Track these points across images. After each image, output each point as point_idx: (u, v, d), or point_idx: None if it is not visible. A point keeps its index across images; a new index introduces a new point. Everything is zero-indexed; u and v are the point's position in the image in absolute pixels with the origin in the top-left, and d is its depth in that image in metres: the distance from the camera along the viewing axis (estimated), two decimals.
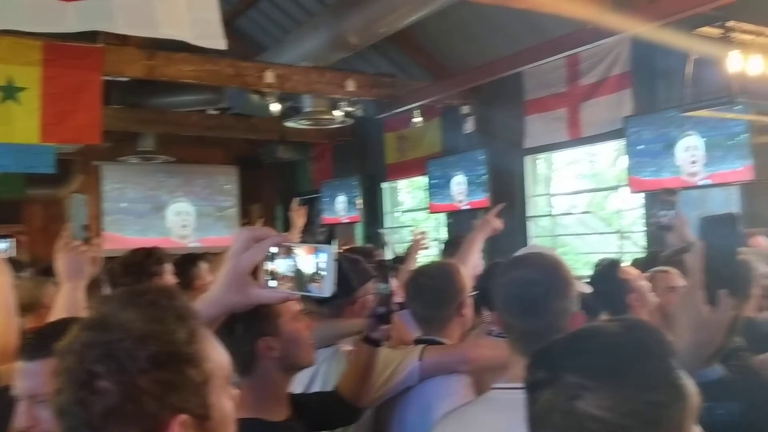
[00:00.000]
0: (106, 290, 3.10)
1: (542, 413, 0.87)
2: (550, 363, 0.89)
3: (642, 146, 6.34)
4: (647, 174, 6.30)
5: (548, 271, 1.66)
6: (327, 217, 10.98)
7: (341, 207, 10.71)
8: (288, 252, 1.15)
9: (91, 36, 5.19)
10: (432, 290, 2.29)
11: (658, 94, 6.45)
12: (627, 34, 6.03)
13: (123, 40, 5.71)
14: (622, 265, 2.85)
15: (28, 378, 1.45)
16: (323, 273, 1.12)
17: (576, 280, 1.74)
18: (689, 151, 5.99)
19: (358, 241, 10.08)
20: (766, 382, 2.01)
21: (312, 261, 1.13)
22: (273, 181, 12.43)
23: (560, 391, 0.85)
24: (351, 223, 10.60)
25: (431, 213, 9.23)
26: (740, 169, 5.62)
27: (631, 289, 2.74)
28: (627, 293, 2.70)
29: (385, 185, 10.35)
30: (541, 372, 0.89)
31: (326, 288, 1.12)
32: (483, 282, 2.54)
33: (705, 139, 5.85)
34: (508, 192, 7.99)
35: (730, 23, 3.63)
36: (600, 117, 7.01)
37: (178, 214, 11.57)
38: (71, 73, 5.45)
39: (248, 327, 1.62)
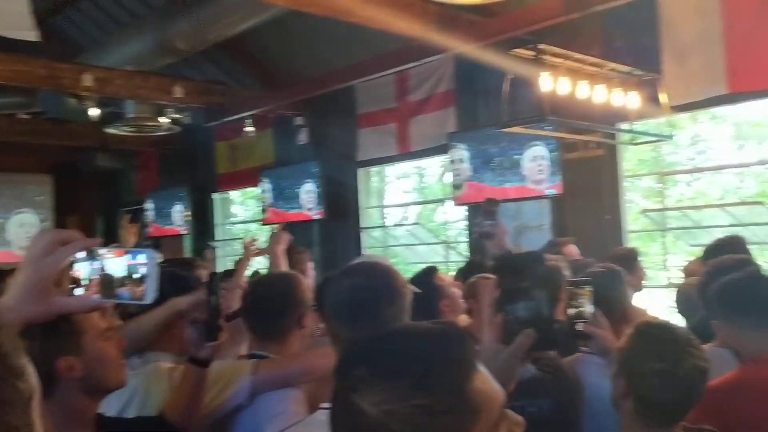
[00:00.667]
0: None
1: (330, 402, 0.85)
2: (351, 355, 0.87)
3: (464, 161, 6.65)
4: (468, 188, 6.63)
5: (378, 278, 1.65)
6: (153, 230, 10.45)
7: (168, 219, 10.24)
8: (98, 257, 1.05)
9: None
10: (271, 301, 2.20)
11: (479, 111, 6.81)
12: (451, 53, 6.33)
13: None
14: (438, 272, 2.95)
15: None
16: (142, 278, 1.04)
17: (408, 286, 1.75)
18: (536, 161, 6.32)
19: (187, 254, 9.69)
20: (574, 380, 2.14)
21: (125, 266, 1.04)
22: (92, 192, 11.62)
23: (344, 382, 0.82)
24: (179, 236, 10.17)
25: (265, 225, 9.09)
26: (552, 184, 6.08)
27: (443, 296, 2.83)
28: (440, 299, 2.79)
29: (216, 196, 10.05)
30: (340, 362, 0.86)
31: (147, 295, 1.03)
32: (318, 294, 2.50)
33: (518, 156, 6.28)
34: (342, 204, 8.07)
35: (542, 46, 3.92)
36: (427, 132, 7.27)
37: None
38: None
39: (46, 345, 1.46)
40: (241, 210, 10.83)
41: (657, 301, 6.69)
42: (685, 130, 6.90)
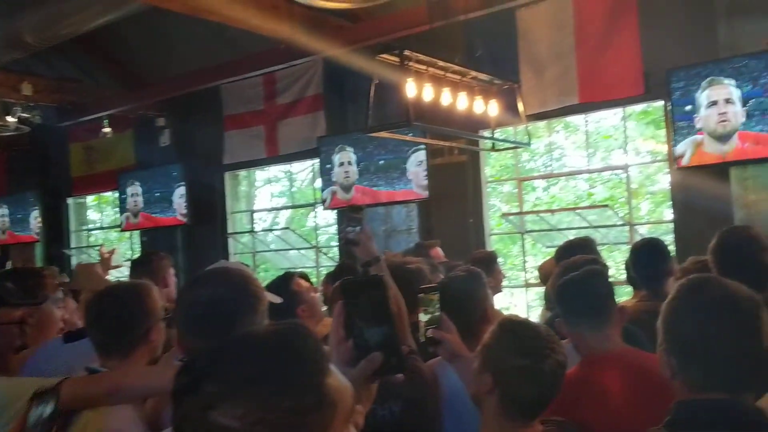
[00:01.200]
0: None
1: (179, 424, 0.79)
2: (193, 370, 0.81)
3: (352, 164, 6.62)
4: (355, 191, 6.61)
5: (236, 288, 1.58)
6: (8, 237, 9.67)
7: (25, 225, 9.50)
8: None
9: None
10: (115, 314, 2.05)
11: (348, 115, 6.84)
12: (319, 57, 6.31)
13: None
14: (296, 278, 2.92)
15: None
16: None
17: (265, 293, 1.69)
18: (421, 165, 6.33)
19: (39, 263, 9.04)
20: (430, 382, 2.16)
21: None
22: None
23: (196, 400, 0.78)
24: (29, 244, 9.47)
25: (124, 231, 8.65)
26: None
27: (301, 301, 2.81)
28: (298, 305, 2.76)
29: (70, 201, 9.45)
30: (185, 379, 0.81)
31: None
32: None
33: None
34: (208, 208, 7.83)
35: (407, 52, 3.98)
36: (296, 136, 7.21)
37: None
38: None
39: None
40: (99, 215, 10.24)
41: (517, 300, 7.01)
42: (542, 138, 7.27)
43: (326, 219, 8.00)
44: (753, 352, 1.31)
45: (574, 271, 2.08)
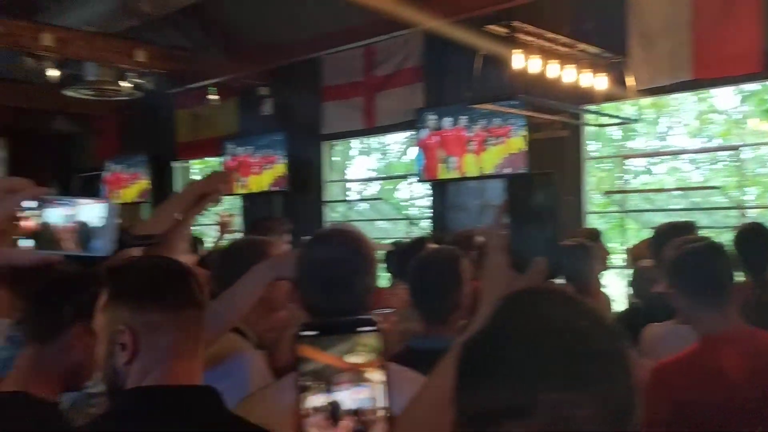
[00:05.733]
0: None
1: None
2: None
3: (432, 137, 6.65)
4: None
5: (354, 249, 1.64)
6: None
7: (127, 185, 10.05)
8: (50, 206, 1.01)
9: None
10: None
11: (447, 87, 6.81)
12: (420, 28, 6.30)
13: None
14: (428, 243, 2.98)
15: None
16: (97, 229, 1.00)
17: (377, 255, 1.74)
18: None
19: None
20: None
21: (83, 217, 1.00)
22: (46, 156, 11.28)
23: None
24: (138, 204, 9.99)
25: (227, 195, 8.96)
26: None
27: None
28: None
29: (176, 165, 9.88)
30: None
31: (102, 247, 1.00)
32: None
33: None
34: (305, 177, 8.02)
35: (515, 23, 3.92)
36: (393, 108, 7.25)
37: None
38: None
39: None
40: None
41: (612, 281, 6.85)
42: (648, 114, 7.02)
43: (417, 191, 8.03)
44: None
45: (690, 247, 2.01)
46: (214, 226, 5.79)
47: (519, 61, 4.01)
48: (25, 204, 1.00)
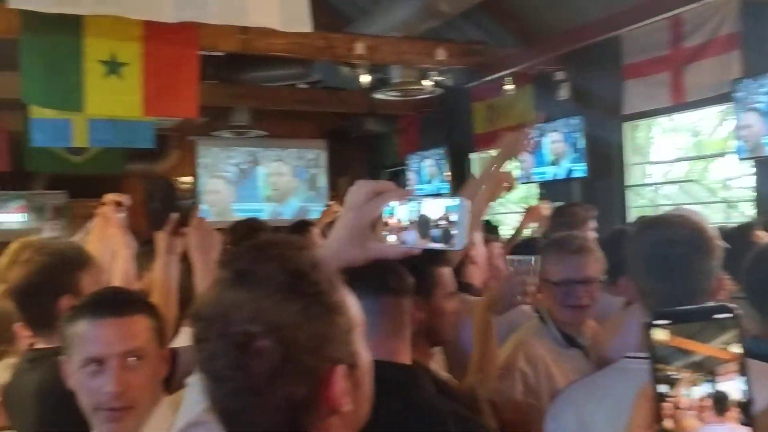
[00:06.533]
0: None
1: None
2: None
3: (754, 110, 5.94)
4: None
5: (692, 231, 1.55)
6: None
7: (428, 179, 10.64)
8: (409, 204, 1.09)
9: None
10: None
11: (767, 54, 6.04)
12: None
13: None
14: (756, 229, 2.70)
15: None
16: (453, 225, 1.05)
17: (719, 242, 1.62)
18: None
19: None
20: None
21: (440, 210, 1.07)
22: (359, 154, 12.45)
23: None
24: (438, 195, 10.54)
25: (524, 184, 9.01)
26: None
27: None
28: None
29: (473, 156, 10.20)
30: None
31: (457, 241, 1.06)
32: (612, 252, 2.41)
33: None
34: (605, 161, 7.74)
35: None
36: (705, 80, 6.64)
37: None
38: (170, 48, 5.58)
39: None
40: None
41: None
42: None
43: (735, 172, 7.24)
44: None
45: None
46: (520, 213, 5.82)
47: None
48: (391, 203, 1.10)
